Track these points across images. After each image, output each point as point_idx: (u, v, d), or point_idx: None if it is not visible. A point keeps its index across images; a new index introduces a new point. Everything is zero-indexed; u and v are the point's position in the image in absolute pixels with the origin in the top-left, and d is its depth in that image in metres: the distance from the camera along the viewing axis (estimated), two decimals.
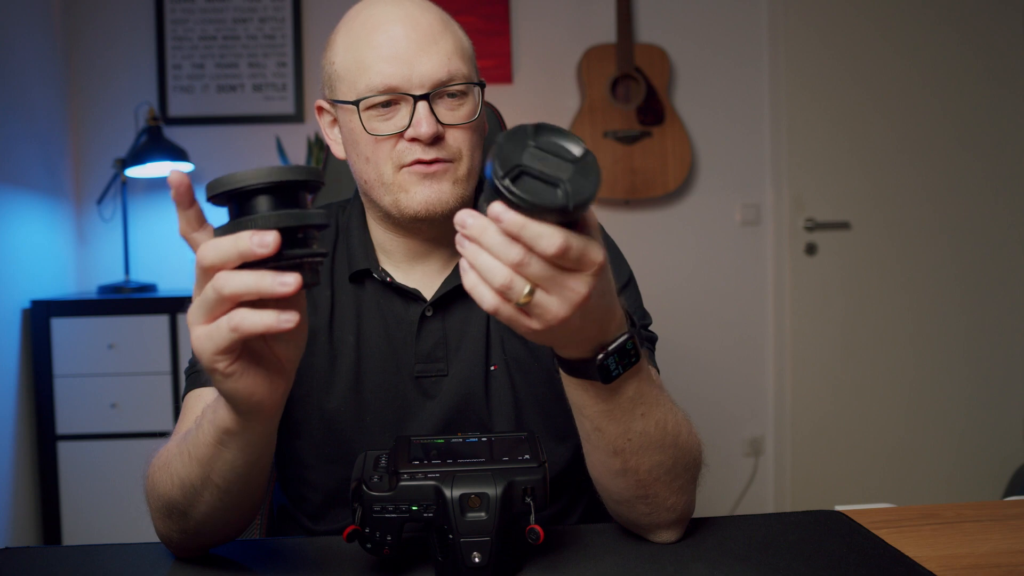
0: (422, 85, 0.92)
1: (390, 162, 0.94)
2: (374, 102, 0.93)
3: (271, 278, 0.60)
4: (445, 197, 0.94)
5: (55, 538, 2.40)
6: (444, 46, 0.94)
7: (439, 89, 0.93)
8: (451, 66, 0.93)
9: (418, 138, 0.92)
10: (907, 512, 0.92)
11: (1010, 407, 3.02)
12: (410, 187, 0.94)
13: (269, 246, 0.60)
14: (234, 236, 0.61)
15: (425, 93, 0.92)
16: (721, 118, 2.96)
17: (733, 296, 3.00)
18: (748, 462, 3.02)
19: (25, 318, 2.42)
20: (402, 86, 0.92)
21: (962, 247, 2.99)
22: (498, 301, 0.63)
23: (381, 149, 0.94)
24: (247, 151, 2.84)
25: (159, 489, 0.79)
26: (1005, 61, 2.98)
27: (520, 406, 1.00)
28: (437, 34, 0.94)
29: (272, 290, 0.60)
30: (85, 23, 2.80)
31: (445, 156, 0.94)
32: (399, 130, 0.93)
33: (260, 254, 0.60)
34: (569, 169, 0.61)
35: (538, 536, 0.72)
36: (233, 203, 0.64)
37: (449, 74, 0.93)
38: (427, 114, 0.92)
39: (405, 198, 0.94)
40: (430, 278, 1.01)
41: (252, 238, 0.60)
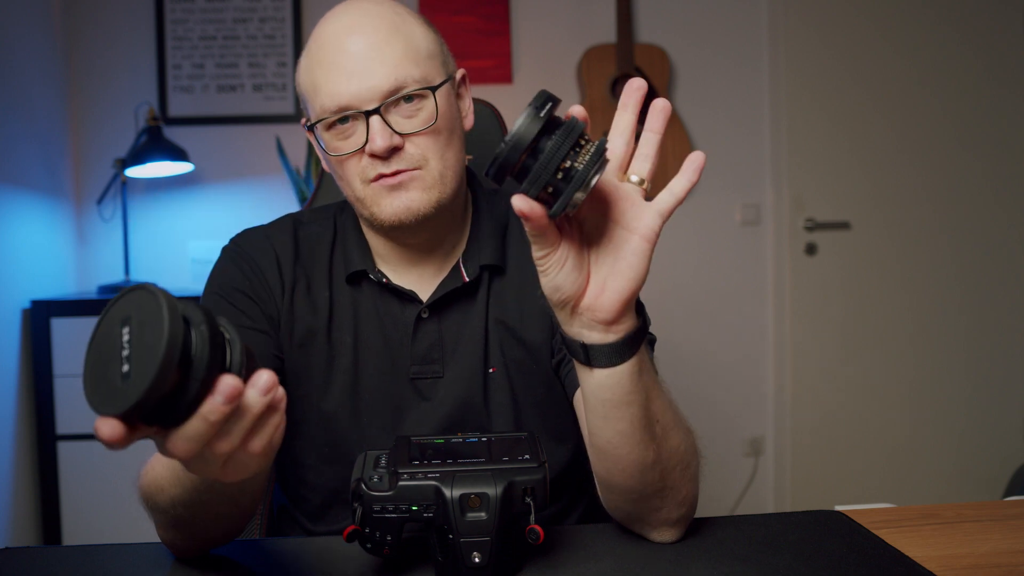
0: (372, 98, 0.91)
1: (357, 178, 0.94)
2: (330, 122, 0.93)
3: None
4: (415, 205, 0.93)
5: (55, 538, 2.40)
6: (390, 54, 0.91)
7: (389, 100, 0.91)
8: (399, 74, 0.91)
9: (374, 153, 0.91)
10: (907, 512, 0.92)
11: (1010, 407, 3.02)
12: (380, 200, 0.93)
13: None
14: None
15: (375, 107, 0.91)
16: (721, 118, 2.96)
17: (733, 296, 2.99)
18: (748, 462, 3.02)
19: (25, 318, 2.42)
20: (352, 103, 0.91)
21: (962, 247, 2.99)
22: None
23: (348, 166, 0.94)
24: (247, 151, 2.84)
25: (161, 506, 0.78)
26: (1005, 61, 2.98)
27: (519, 408, 1.00)
28: (383, 42, 0.92)
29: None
30: (85, 23, 2.80)
31: (406, 166, 0.92)
32: (359, 147, 0.92)
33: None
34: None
35: (538, 536, 0.72)
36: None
37: (397, 82, 0.91)
38: (380, 128, 0.90)
39: (378, 210, 0.94)
40: (426, 280, 1.01)
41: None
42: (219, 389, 0.52)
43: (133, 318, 0.53)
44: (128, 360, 0.52)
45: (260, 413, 0.55)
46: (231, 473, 0.58)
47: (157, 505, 0.78)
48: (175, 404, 0.53)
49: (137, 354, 0.51)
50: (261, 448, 0.57)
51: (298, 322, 0.99)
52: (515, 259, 1.03)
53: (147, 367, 0.50)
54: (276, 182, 2.83)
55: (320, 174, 1.30)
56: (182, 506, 0.75)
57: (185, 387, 0.53)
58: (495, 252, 1.01)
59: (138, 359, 0.51)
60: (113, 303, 0.55)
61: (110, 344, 0.53)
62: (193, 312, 0.54)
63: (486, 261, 1.00)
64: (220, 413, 0.53)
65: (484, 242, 1.02)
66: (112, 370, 0.52)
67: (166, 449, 0.54)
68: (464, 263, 1.01)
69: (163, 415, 0.53)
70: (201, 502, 0.74)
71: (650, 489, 0.79)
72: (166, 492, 0.76)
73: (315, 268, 1.02)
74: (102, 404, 0.52)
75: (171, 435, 0.53)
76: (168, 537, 0.81)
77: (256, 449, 0.56)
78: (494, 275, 1.02)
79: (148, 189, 2.81)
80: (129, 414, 0.51)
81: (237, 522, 0.81)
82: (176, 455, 0.54)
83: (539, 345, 1.00)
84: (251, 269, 1.00)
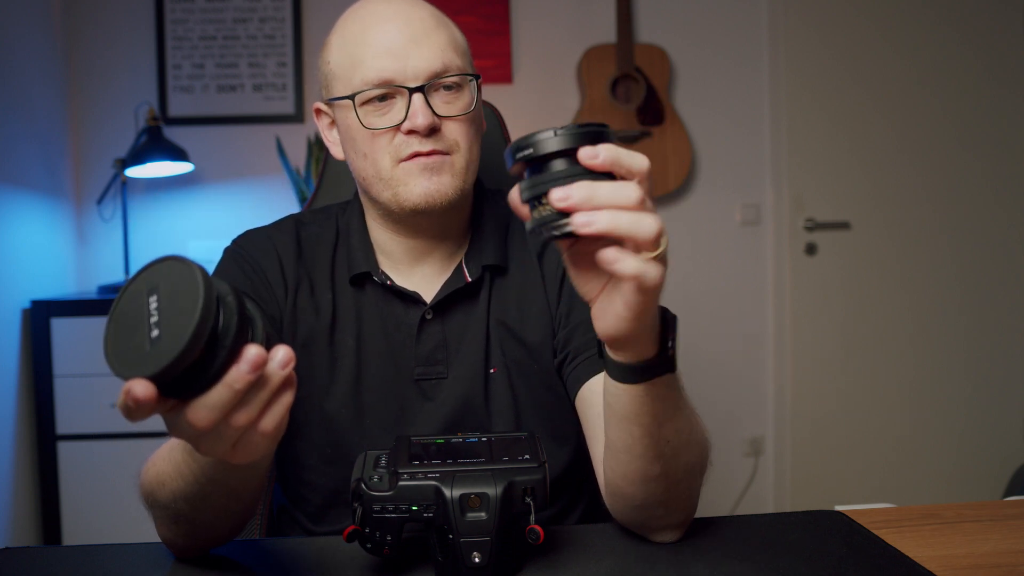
0: (416, 77, 0.92)
1: (388, 156, 0.94)
2: (369, 96, 0.93)
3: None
4: (444, 188, 0.94)
5: (55, 538, 2.40)
6: (437, 39, 0.94)
7: (434, 81, 0.93)
8: (445, 58, 0.93)
9: (415, 130, 0.92)
10: (907, 512, 0.92)
11: (1010, 407, 3.02)
12: (409, 180, 0.94)
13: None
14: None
15: (420, 85, 0.92)
16: (721, 118, 2.96)
17: (733, 296, 2.99)
18: (748, 462, 3.02)
19: (25, 318, 2.42)
20: (396, 78, 0.92)
21: (962, 247, 2.99)
22: (643, 263, 0.61)
23: (378, 143, 0.94)
24: (247, 151, 2.84)
25: (162, 502, 0.78)
26: (1005, 61, 2.98)
27: (519, 408, 1.00)
28: (430, 28, 0.94)
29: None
30: (85, 23, 2.80)
31: (442, 148, 0.94)
32: (395, 123, 0.93)
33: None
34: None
35: (538, 536, 0.72)
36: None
37: (444, 65, 0.93)
38: (423, 105, 0.92)
39: (404, 191, 0.94)
40: (429, 280, 1.01)
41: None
42: (245, 357, 0.54)
43: (161, 287, 0.55)
44: (158, 326, 0.53)
45: (278, 386, 0.57)
46: (240, 454, 0.58)
47: (158, 501, 0.78)
48: (201, 371, 0.54)
49: (168, 320, 0.53)
50: (272, 427, 0.58)
51: (300, 323, 0.99)
52: (516, 259, 1.03)
53: (180, 332, 0.52)
54: (276, 182, 2.83)
55: (320, 174, 1.30)
56: (183, 500, 0.75)
57: (213, 354, 0.54)
58: (497, 252, 1.02)
59: (169, 325, 0.53)
60: (137, 275, 0.56)
61: (137, 312, 0.55)
62: (220, 284, 0.56)
63: (488, 261, 1.01)
64: (245, 381, 0.54)
65: (486, 242, 1.02)
66: (139, 336, 0.54)
67: (185, 421, 0.55)
68: (466, 263, 1.01)
69: (189, 383, 0.55)
70: (203, 495, 0.74)
71: (653, 500, 0.79)
72: (167, 487, 0.76)
73: (317, 269, 1.02)
74: (130, 368, 0.53)
75: (193, 404, 0.54)
76: (168, 535, 0.81)
77: (268, 428, 0.57)
78: (496, 275, 1.02)
79: (148, 189, 2.81)
80: (161, 374, 0.52)
81: (238, 519, 0.80)
82: (195, 425, 0.55)
83: (539, 345, 1.00)
84: (253, 270, 1.00)
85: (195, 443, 0.58)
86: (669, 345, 0.70)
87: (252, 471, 0.74)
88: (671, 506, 0.80)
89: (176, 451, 0.75)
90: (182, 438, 0.59)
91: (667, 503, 0.80)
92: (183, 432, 0.57)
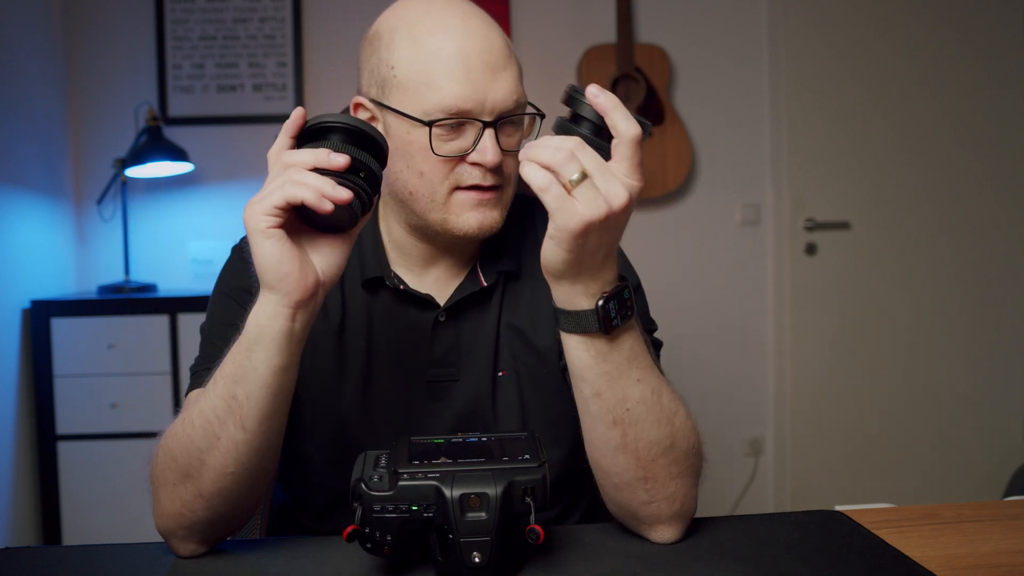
0: (493, 112, 0.91)
1: (446, 182, 0.93)
2: (445, 123, 0.90)
3: (331, 185, 0.75)
4: (493, 222, 0.94)
5: (55, 538, 2.40)
6: (512, 71, 0.93)
7: (506, 118, 0.92)
8: (518, 93, 0.93)
9: (482, 164, 0.91)
10: (907, 512, 0.92)
11: (1010, 407, 3.02)
12: (463, 212, 0.93)
13: (340, 163, 0.76)
14: (316, 150, 0.77)
15: (494, 120, 0.91)
16: (721, 118, 2.96)
17: (733, 296, 2.99)
18: (748, 462, 3.02)
19: (25, 318, 2.42)
20: (474, 111, 0.90)
21: (962, 247, 2.99)
22: (549, 178, 0.73)
23: (439, 168, 0.92)
24: (247, 151, 2.84)
25: (173, 451, 0.80)
26: (1005, 61, 2.98)
27: (526, 411, 1.00)
28: (506, 57, 0.92)
29: (331, 193, 0.75)
30: (85, 23, 2.80)
31: (500, 183, 0.94)
32: (463, 152, 0.91)
33: (336, 164, 0.76)
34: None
35: (538, 536, 0.72)
36: (323, 134, 0.80)
37: (516, 102, 0.92)
38: (493, 143, 0.91)
39: (456, 220, 0.93)
40: (442, 283, 1.02)
41: (330, 155, 0.76)
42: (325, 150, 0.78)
43: None
44: None
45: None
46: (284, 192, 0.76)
47: (175, 443, 0.81)
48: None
49: None
50: (295, 190, 0.76)
51: None
52: (529, 265, 1.03)
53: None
54: None
55: None
56: (202, 428, 0.79)
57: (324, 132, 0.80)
58: (513, 258, 1.02)
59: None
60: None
61: None
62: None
63: (505, 267, 1.01)
64: (320, 154, 0.77)
65: (503, 247, 1.02)
66: None
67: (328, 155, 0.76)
68: (482, 268, 1.01)
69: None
70: (219, 417, 0.78)
71: (627, 475, 0.80)
72: (190, 415, 0.80)
73: None
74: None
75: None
76: (174, 508, 0.81)
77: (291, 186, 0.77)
78: (509, 280, 1.03)
79: (148, 189, 2.81)
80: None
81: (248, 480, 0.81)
82: (288, 158, 0.78)
83: (549, 350, 1.00)
84: None
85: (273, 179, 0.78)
86: (599, 304, 0.76)
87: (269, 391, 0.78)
88: (653, 489, 0.80)
89: (217, 369, 0.81)
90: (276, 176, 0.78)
91: (646, 483, 0.80)
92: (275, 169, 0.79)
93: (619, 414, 0.79)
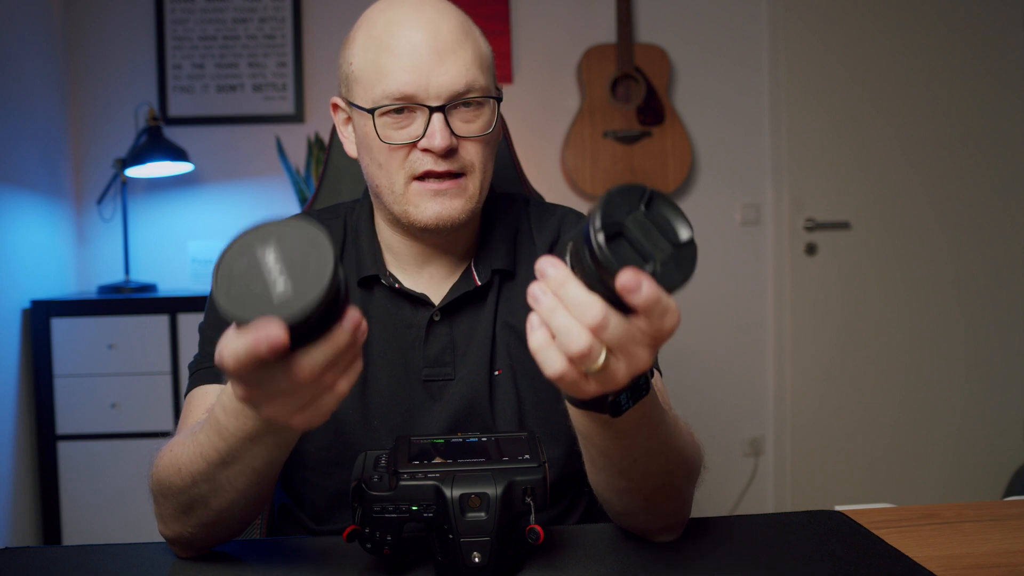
0: (439, 96, 0.91)
1: (402, 171, 0.93)
2: (389, 110, 0.92)
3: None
4: (455, 213, 0.94)
5: (55, 538, 2.40)
6: (463, 56, 0.92)
7: (456, 102, 0.92)
8: (469, 77, 0.92)
9: (431, 150, 0.91)
10: (907, 512, 0.92)
11: (1010, 407, 3.02)
12: (420, 202, 0.93)
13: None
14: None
15: (441, 104, 0.91)
16: (721, 118, 2.96)
17: (733, 296, 2.99)
18: (748, 462, 3.02)
19: (25, 318, 2.42)
20: (418, 95, 0.91)
21: (962, 247, 2.99)
22: (567, 367, 0.59)
23: (394, 157, 0.93)
24: (247, 151, 2.84)
25: (176, 487, 0.78)
26: (1005, 61, 2.98)
27: (523, 410, 1.00)
28: (457, 43, 0.92)
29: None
30: (85, 23, 2.80)
31: (457, 168, 0.93)
32: (413, 139, 0.92)
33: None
34: (667, 250, 0.57)
35: (538, 536, 0.72)
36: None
37: (467, 85, 0.92)
38: (442, 126, 0.91)
39: (415, 211, 0.94)
40: (437, 283, 1.02)
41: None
42: (349, 316, 0.58)
43: (278, 245, 0.56)
44: (285, 277, 0.56)
45: (358, 351, 0.61)
46: (304, 416, 0.61)
47: (173, 486, 0.78)
48: (322, 324, 0.57)
49: (295, 272, 0.55)
50: (346, 388, 0.61)
51: None
52: (524, 263, 1.03)
53: (316, 280, 0.55)
54: (276, 182, 2.83)
55: (321, 174, 1.30)
56: (204, 481, 0.75)
57: (334, 308, 0.57)
58: (507, 257, 1.02)
59: (298, 276, 0.55)
60: (236, 240, 0.57)
61: (250, 270, 0.56)
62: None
63: (498, 266, 1.01)
64: (347, 338, 0.58)
65: (496, 246, 1.02)
66: (258, 288, 0.56)
67: (282, 375, 0.58)
68: (476, 267, 1.01)
69: (309, 333, 0.57)
70: (225, 476, 0.74)
71: (632, 508, 0.80)
72: (186, 470, 0.76)
73: None
74: (258, 314, 0.55)
75: (301, 357, 0.57)
76: (176, 528, 0.80)
77: (343, 389, 0.61)
78: (504, 279, 1.03)
79: (148, 189, 2.81)
80: (302, 318, 0.55)
81: (252, 506, 0.80)
82: (297, 377, 0.58)
83: None
84: None
85: (269, 402, 0.61)
86: (610, 399, 0.66)
87: (279, 449, 0.73)
88: (655, 513, 0.81)
89: (200, 432, 0.74)
90: (254, 398, 0.61)
91: (649, 511, 0.80)
92: (267, 388, 0.59)
93: (626, 466, 0.75)
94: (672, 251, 0.57)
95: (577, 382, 0.60)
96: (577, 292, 0.57)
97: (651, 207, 0.58)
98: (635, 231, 0.57)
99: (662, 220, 0.58)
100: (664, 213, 0.58)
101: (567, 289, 0.58)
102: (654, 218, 0.58)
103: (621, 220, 0.57)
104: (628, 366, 0.59)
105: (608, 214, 0.57)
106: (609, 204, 0.57)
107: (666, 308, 0.57)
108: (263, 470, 0.74)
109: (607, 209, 0.57)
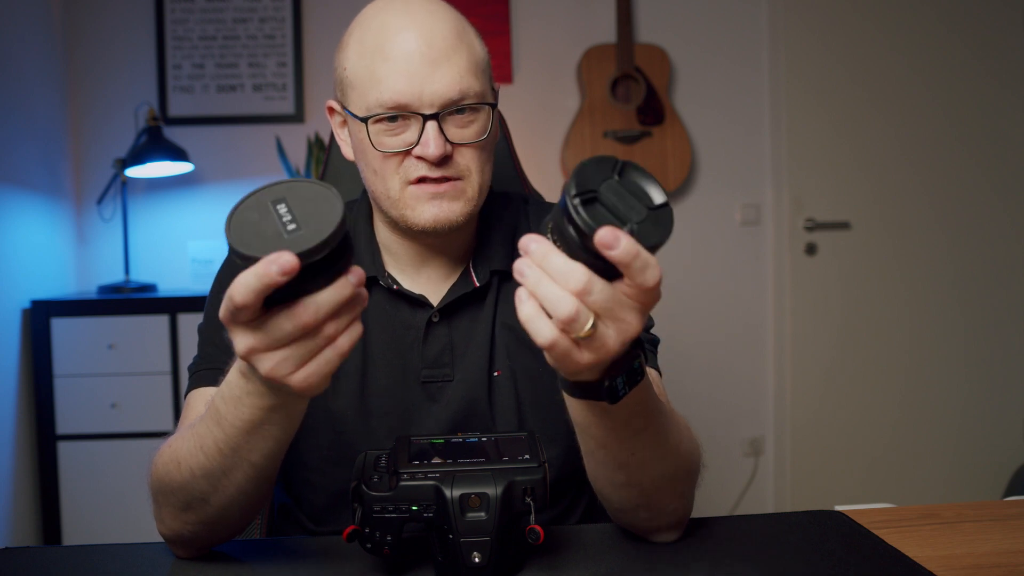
0: (432, 104, 0.90)
1: (397, 177, 0.93)
2: (383, 117, 0.91)
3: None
4: (453, 215, 0.94)
5: (55, 538, 2.40)
6: (457, 62, 0.91)
7: (449, 109, 0.91)
8: (463, 84, 0.91)
9: (425, 157, 0.91)
10: (907, 512, 0.92)
11: (1010, 407, 3.02)
12: (417, 205, 0.93)
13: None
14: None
15: (435, 112, 0.90)
16: (721, 118, 2.96)
17: (733, 296, 2.99)
18: (748, 462, 3.02)
19: (25, 318, 2.42)
20: (412, 104, 0.90)
21: (962, 247, 2.99)
22: (557, 335, 0.61)
23: (388, 164, 0.93)
24: (247, 151, 2.84)
25: (176, 483, 0.78)
26: (1005, 61, 2.98)
27: (523, 411, 1.00)
28: (451, 48, 0.91)
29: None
30: (85, 23, 2.80)
31: (453, 174, 0.93)
32: (407, 147, 0.92)
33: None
34: (643, 213, 0.60)
35: (538, 536, 0.72)
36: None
37: (460, 93, 0.91)
38: (436, 134, 0.90)
39: (412, 214, 0.94)
40: (436, 284, 1.02)
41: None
42: (353, 269, 0.61)
43: (288, 199, 0.60)
44: (295, 222, 0.59)
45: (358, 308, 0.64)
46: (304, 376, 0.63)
47: (172, 482, 0.78)
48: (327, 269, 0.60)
49: (306, 217, 0.59)
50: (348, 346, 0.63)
51: None
52: None
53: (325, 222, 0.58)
54: None
55: (321, 175, 1.30)
56: (203, 477, 0.75)
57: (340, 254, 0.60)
58: (505, 258, 1.02)
59: (309, 220, 0.59)
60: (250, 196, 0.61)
61: (262, 217, 0.60)
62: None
63: (496, 267, 1.01)
64: (351, 290, 0.61)
65: (494, 247, 1.02)
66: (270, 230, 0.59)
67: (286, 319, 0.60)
68: (474, 268, 1.01)
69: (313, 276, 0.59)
70: (224, 469, 0.74)
71: (630, 504, 0.80)
72: (185, 464, 0.76)
73: None
74: (268, 250, 0.57)
75: (303, 302, 0.60)
76: (176, 526, 0.80)
77: (344, 347, 0.63)
78: (503, 279, 1.02)
79: (148, 189, 2.81)
80: (308, 253, 0.57)
81: (252, 504, 0.80)
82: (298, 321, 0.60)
83: None
84: None
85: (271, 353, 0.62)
86: (606, 384, 0.66)
87: (277, 443, 0.73)
88: (655, 510, 0.81)
89: (200, 424, 0.75)
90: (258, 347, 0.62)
91: (649, 507, 0.80)
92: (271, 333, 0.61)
93: (624, 459, 0.76)
94: (648, 213, 0.60)
95: (570, 351, 0.62)
96: (560, 261, 0.60)
97: (624, 175, 0.61)
98: (610, 197, 0.60)
99: (635, 187, 0.61)
100: (637, 180, 0.61)
101: (550, 260, 0.60)
102: (627, 185, 0.61)
103: (595, 188, 0.60)
104: (618, 331, 0.61)
105: (582, 183, 0.60)
106: (583, 174, 0.60)
107: (646, 263, 0.59)
108: (261, 464, 0.74)
109: (581, 179, 0.60)
